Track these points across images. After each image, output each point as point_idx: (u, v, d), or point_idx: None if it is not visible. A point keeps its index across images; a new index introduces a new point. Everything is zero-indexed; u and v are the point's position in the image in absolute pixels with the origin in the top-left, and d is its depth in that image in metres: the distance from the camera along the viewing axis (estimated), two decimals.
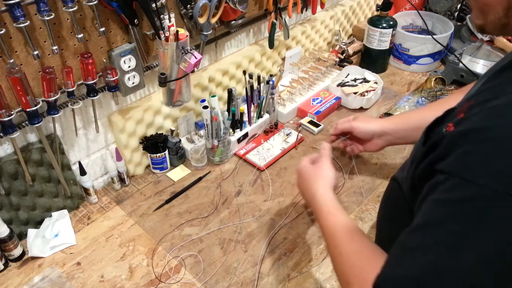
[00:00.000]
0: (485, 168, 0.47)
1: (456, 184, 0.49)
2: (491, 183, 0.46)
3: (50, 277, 0.91)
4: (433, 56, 1.55)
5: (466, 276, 0.47)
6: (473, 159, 0.48)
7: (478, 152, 0.48)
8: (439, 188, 0.51)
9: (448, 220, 0.49)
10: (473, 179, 0.47)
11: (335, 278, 0.89)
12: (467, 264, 0.47)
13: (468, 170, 0.48)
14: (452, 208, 0.49)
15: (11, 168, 0.91)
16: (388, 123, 1.02)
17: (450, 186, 0.49)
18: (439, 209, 0.50)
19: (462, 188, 0.48)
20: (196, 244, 0.98)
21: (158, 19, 0.93)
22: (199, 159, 1.18)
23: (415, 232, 0.53)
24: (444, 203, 0.50)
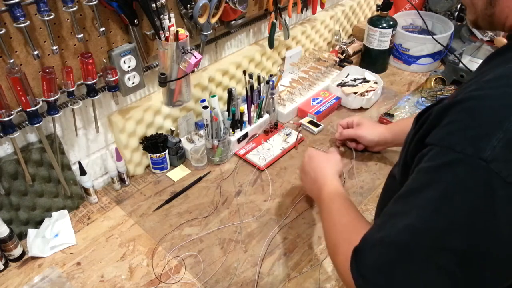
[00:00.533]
0: (462, 135, 0.49)
1: (436, 152, 0.51)
2: (466, 148, 0.48)
3: (50, 277, 0.91)
4: (433, 56, 1.55)
5: (438, 238, 0.49)
6: (452, 128, 0.51)
7: (456, 121, 0.51)
8: (423, 159, 0.53)
9: (427, 186, 0.51)
10: (451, 146, 0.49)
11: (335, 278, 0.89)
12: (440, 228, 0.49)
13: (448, 138, 0.50)
14: (431, 175, 0.51)
15: (11, 168, 0.91)
16: (388, 133, 1.14)
17: (432, 155, 0.52)
18: (420, 177, 0.53)
19: (441, 155, 0.51)
20: (196, 244, 0.98)
21: (158, 19, 0.93)
22: (199, 159, 1.18)
23: (397, 200, 0.56)
24: (425, 171, 0.52)
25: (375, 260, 0.54)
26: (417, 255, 0.50)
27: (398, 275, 0.51)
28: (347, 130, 1.20)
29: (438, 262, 0.49)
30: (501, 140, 0.46)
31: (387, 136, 1.14)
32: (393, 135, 1.13)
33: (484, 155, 0.46)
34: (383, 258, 0.53)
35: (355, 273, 0.56)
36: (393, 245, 0.52)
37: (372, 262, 0.54)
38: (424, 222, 0.50)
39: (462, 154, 0.48)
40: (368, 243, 0.56)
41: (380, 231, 0.55)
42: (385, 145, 1.18)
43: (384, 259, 0.53)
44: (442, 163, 0.50)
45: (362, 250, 0.57)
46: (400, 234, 0.52)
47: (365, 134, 1.16)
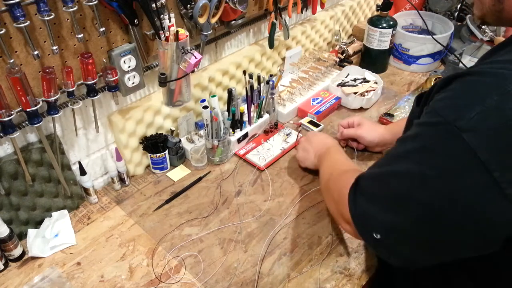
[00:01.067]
0: (450, 103, 0.55)
1: (428, 111, 0.58)
2: (448, 115, 0.53)
3: (50, 277, 0.91)
4: (433, 56, 1.55)
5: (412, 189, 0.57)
6: (446, 95, 0.57)
7: (451, 90, 0.57)
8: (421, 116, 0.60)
9: (413, 138, 0.59)
10: (438, 110, 0.55)
11: (335, 278, 0.89)
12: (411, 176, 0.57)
13: (438, 103, 0.57)
14: (417, 129, 0.59)
15: (11, 168, 0.91)
16: (388, 134, 1.16)
17: (425, 113, 0.59)
18: (413, 129, 0.60)
19: (429, 115, 0.57)
20: (196, 244, 0.98)
21: (158, 19, 0.93)
22: (199, 159, 1.18)
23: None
24: (417, 125, 0.60)
25: (369, 190, 0.65)
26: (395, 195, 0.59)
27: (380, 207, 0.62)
28: (347, 130, 1.20)
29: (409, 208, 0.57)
30: (478, 114, 0.51)
31: (386, 137, 1.15)
32: (393, 135, 1.14)
33: (460, 123, 0.51)
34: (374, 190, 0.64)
35: (351, 197, 0.67)
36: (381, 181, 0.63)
37: (366, 192, 0.66)
38: (405, 169, 0.58)
39: (443, 118, 0.54)
40: (367, 175, 0.68)
41: (378, 167, 0.66)
42: (385, 146, 1.18)
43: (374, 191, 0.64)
44: (427, 122, 0.57)
45: (361, 180, 0.68)
46: (389, 174, 0.62)
47: (365, 135, 1.16)
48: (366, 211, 0.64)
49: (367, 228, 0.64)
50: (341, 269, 0.91)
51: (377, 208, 0.62)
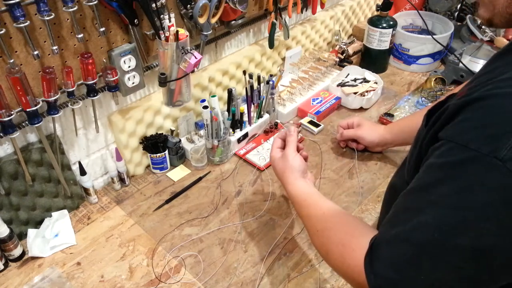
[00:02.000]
0: (478, 133, 0.49)
1: (450, 148, 0.51)
2: (482, 147, 0.47)
3: (50, 277, 0.91)
4: (433, 56, 1.55)
5: (452, 236, 0.49)
6: (468, 125, 0.50)
7: (473, 118, 0.50)
8: (434, 153, 0.54)
9: (441, 182, 0.51)
10: (466, 144, 0.49)
11: (335, 278, 0.89)
12: (454, 225, 0.49)
13: (463, 135, 0.50)
14: (445, 171, 0.51)
15: (11, 168, 0.91)
16: (388, 134, 1.14)
17: (445, 150, 0.52)
18: (432, 173, 0.53)
19: (456, 152, 0.50)
20: (196, 244, 0.98)
21: (158, 19, 0.93)
22: (199, 159, 1.18)
23: (409, 194, 0.56)
24: (438, 167, 0.52)
25: (390, 256, 0.54)
26: (430, 252, 0.51)
27: (411, 271, 0.52)
28: (347, 131, 1.20)
29: (450, 259, 0.50)
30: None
31: (387, 137, 1.15)
32: (393, 135, 1.14)
33: (500, 154, 0.46)
34: (397, 255, 0.53)
35: (368, 270, 0.56)
36: (407, 242, 0.53)
37: (387, 259, 0.55)
38: (438, 219, 0.50)
39: (478, 152, 0.48)
40: (383, 240, 0.56)
41: (393, 227, 0.56)
42: (385, 146, 1.18)
43: (399, 256, 0.53)
44: (456, 160, 0.50)
45: (376, 248, 0.57)
46: (415, 231, 0.52)
47: (365, 135, 1.16)
48: (388, 280, 0.54)
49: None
50: None
51: (408, 273, 0.53)
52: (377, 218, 1.02)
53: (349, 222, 0.70)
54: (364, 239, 0.60)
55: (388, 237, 0.56)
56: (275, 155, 0.93)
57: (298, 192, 0.84)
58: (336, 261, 0.66)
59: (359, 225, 0.68)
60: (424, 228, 0.51)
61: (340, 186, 1.12)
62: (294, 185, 0.85)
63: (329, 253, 0.68)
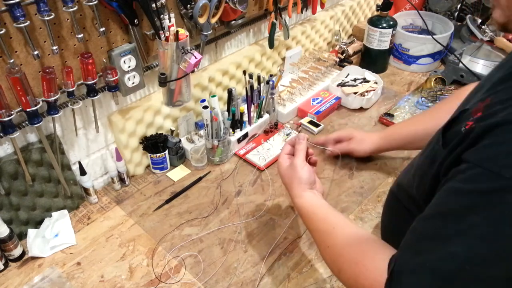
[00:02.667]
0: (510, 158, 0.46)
1: (479, 174, 0.48)
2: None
3: (50, 277, 0.91)
4: (433, 56, 1.55)
5: (484, 268, 0.47)
6: (500, 150, 0.47)
7: (505, 143, 0.47)
8: (458, 176, 0.50)
9: (471, 211, 0.48)
10: (499, 171, 0.46)
11: (335, 279, 0.89)
12: (487, 257, 0.47)
13: (494, 161, 0.47)
14: (475, 199, 0.48)
15: (11, 168, 0.91)
16: (383, 141, 1.11)
17: (472, 175, 0.49)
18: (460, 199, 0.50)
19: (487, 179, 0.47)
20: (196, 244, 0.98)
21: (158, 19, 0.93)
22: (199, 159, 1.18)
23: (433, 220, 0.53)
24: (466, 193, 0.49)
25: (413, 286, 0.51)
26: (461, 284, 0.48)
27: None
28: (339, 145, 1.15)
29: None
30: None
31: (381, 144, 1.12)
32: (388, 142, 1.11)
33: None
34: (420, 285, 0.50)
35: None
36: (433, 273, 0.49)
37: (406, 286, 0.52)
38: (470, 251, 0.47)
39: (509, 180, 0.45)
40: (406, 269, 0.53)
41: (418, 256, 0.52)
42: (381, 151, 1.16)
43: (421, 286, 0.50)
44: (488, 188, 0.47)
45: (399, 276, 0.53)
46: (443, 261, 0.49)
47: (357, 148, 1.13)
48: None
49: None
50: None
51: None
52: (377, 218, 1.02)
53: (360, 238, 0.67)
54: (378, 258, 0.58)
55: (411, 266, 0.52)
56: (283, 162, 0.89)
57: (305, 204, 0.81)
58: (349, 280, 0.63)
59: (371, 242, 0.66)
60: (453, 259, 0.48)
61: (340, 186, 1.12)
62: (301, 198, 0.82)
63: (341, 271, 0.65)
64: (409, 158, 1.19)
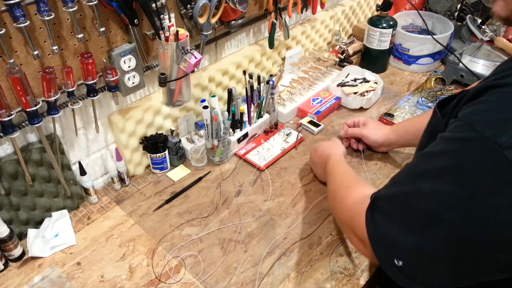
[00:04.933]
0: (486, 116, 0.51)
1: (458, 125, 0.54)
2: (485, 130, 0.50)
3: (50, 277, 0.91)
4: (433, 56, 1.55)
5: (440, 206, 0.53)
6: (481, 107, 0.53)
7: (487, 102, 0.52)
8: (447, 128, 0.57)
9: (442, 154, 0.55)
10: (472, 124, 0.51)
11: (335, 278, 0.89)
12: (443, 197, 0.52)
13: (472, 115, 0.53)
14: (448, 145, 0.55)
15: (11, 168, 0.91)
16: (393, 134, 1.15)
17: (454, 126, 0.55)
18: (440, 144, 0.56)
19: (462, 129, 0.53)
20: (196, 244, 0.98)
21: (158, 19, 0.93)
22: (199, 159, 1.18)
23: (415, 160, 0.61)
24: (445, 139, 0.56)
25: (388, 211, 0.60)
26: (421, 217, 0.54)
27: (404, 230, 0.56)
28: (352, 129, 1.20)
29: (436, 230, 0.53)
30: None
31: (391, 138, 1.14)
32: (398, 136, 1.13)
33: (500, 140, 0.48)
34: (395, 212, 0.59)
35: (369, 218, 0.62)
36: (404, 202, 0.57)
37: (386, 212, 0.60)
38: (433, 189, 0.53)
39: (479, 134, 0.50)
40: (384, 194, 0.62)
41: (396, 185, 0.62)
42: (390, 146, 1.17)
43: (395, 213, 0.59)
44: (458, 137, 0.53)
45: (378, 200, 0.62)
46: (412, 193, 0.56)
47: (369, 134, 1.16)
48: (387, 234, 0.58)
49: (388, 254, 0.58)
50: (341, 269, 0.91)
51: (399, 231, 0.57)
52: None
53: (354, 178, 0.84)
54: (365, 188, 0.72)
55: (389, 193, 0.61)
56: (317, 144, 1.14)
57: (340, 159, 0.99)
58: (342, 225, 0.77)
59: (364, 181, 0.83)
60: (421, 195, 0.55)
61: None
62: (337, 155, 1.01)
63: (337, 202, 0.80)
64: (409, 158, 1.19)
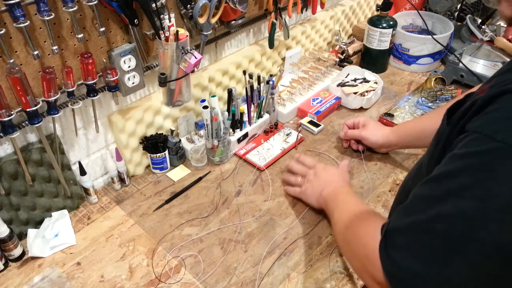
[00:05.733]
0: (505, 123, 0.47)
1: (474, 138, 0.50)
2: (508, 138, 0.46)
3: (50, 277, 0.91)
4: (433, 56, 1.55)
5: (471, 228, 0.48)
6: (496, 116, 0.49)
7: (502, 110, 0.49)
8: (458, 145, 0.52)
9: (462, 171, 0.50)
10: (492, 134, 0.47)
11: (335, 278, 0.89)
12: (474, 217, 0.48)
13: (489, 125, 0.49)
14: (467, 160, 0.49)
15: (11, 168, 0.91)
16: (393, 135, 1.13)
17: (469, 140, 0.50)
18: (454, 162, 0.51)
19: (480, 142, 0.49)
20: (196, 244, 0.98)
21: (158, 19, 0.93)
22: (199, 159, 1.18)
23: (428, 183, 0.54)
24: (460, 157, 0.51)
25: (405, 244, 0.54)
26: (451, 244, 0.49)
27: (429, 262, 0.51)
28: (352, 131, 1.20)
29: (468, 252, 0.49)
30: None
31: (391, 139, 1.14)
32: (398, 137, 1.13)
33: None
34: (416, 244, 0.52)
35: (383, 257, 0.56)
36: (426, 232, 0.52)
37: (402, 246, 0.54)
38: (458, 209, 0.49)
39: (503, 143, 0.46)
40: (398, 228, 0.56)
41: (410, 215, 0.54)
42: (390, 148, 1.17)
43: (418, 245, 0.52)
44: (480, 150, 0.48)
45: (391, 235, 0.56)
46: (432, 219, 0.51)
47: (369, 136, 1.16)
48: (407, 268, 0.53)
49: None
50: (341, 269, 0.91)
51: (422, 263, 0.52)
52: None
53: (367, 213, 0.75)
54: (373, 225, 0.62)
55: (404, 225, 0.55)
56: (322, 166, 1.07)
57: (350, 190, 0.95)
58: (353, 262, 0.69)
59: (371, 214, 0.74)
60: (445, 219, 0.50)
61: None
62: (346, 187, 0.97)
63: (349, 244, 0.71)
64: (408, 158, 1.19)
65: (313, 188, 1.02)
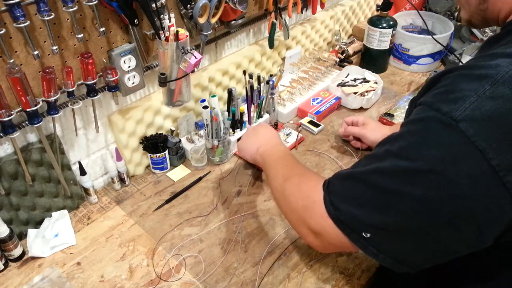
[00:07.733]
0: (443, 96, 0.55)
1: (418, 109, 0.57)
2: (442, 107, 0.53)
3: (50, 277, 0.91)
4: (433, 56, 1.55)
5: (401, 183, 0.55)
6: (439, 91, 0.56)
7: (444, 85, 0.56)
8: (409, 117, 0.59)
9: (401, 136, 0.58)
10: (431, 104, 0.55)
11: (335, 278, 0.89)
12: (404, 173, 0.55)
13: (431, 98, 0.56)
14: (407, 127, 0.58)
15: (11, 168, 0.91)
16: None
17: (414, 111, 0.58)
18: (400, 129, 0.59)
19: (420, 111, 0.56)
20: (196, 244, 0.98)
21: (158, 19, 0.93)
22: (199, 159, 1.18)
23: (374, 148, 0.63)
24: (404, 124, 0.59)
25: (342, 190, 0.63)
26: (381, 194, 0.57)
27: (363, 207, 0.59)
28: (352, 127, 1.21)
29: (398, 204, 0.55)
30: (472, 103, 0.51)
31: None
32: None
33: (455, 114, 0.51)
34: (350, 190, 0.62)
35: (327, 201, 0.64)
36: (359, 179, 0.60)
37: (340, 192, 0.63)
38: (392, 167, 0.56)
39: (437, 111, 0.53)
40: (338, 176, 0.66)
41: (352, 168, 0.65)
42: None
43: (351, 191, 0.61)
44: (418, 117, 0.56)
45: (332, 181, 0.65)
46: (368, 172, 0.59)
47: (369, 135, 1.16)
48: (349, 213, 0.61)
49: (354, 230, 0.60)
50: (341, 269, 0.91)
51: (362, 210, 0.59)
52: None
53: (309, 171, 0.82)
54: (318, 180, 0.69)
55: (344, 174, 0.64)
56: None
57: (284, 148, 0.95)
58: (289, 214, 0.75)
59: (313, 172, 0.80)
60: (380, 173, 0.58)
61: None
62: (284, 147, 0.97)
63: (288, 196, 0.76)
64: None
65: (249, 142, 1.03)
